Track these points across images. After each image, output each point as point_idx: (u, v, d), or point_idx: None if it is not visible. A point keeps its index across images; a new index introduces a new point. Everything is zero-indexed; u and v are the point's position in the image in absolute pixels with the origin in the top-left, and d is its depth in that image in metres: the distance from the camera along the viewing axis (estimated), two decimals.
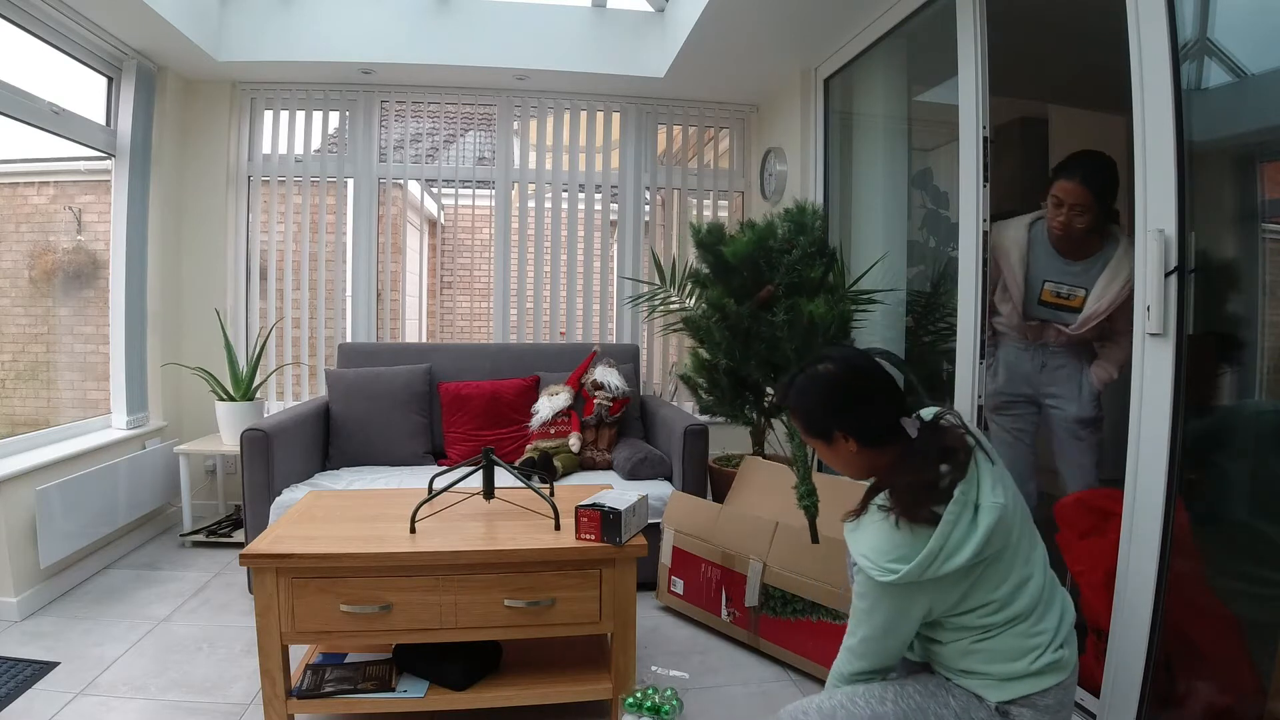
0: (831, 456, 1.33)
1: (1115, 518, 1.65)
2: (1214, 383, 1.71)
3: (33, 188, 3.84)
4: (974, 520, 1.16)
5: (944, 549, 1.14)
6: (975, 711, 1.24)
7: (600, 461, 2.98)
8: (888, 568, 1.15)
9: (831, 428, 1.29)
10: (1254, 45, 1.60)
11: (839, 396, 1.29)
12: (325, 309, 3.73)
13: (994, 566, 1.19)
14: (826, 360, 1.33)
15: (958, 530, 1.15)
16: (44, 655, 2.12)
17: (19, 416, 3.77)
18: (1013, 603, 1.20)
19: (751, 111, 4.00)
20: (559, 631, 1.74)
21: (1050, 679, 1.20)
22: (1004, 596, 1.20)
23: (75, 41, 2.80)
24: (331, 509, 1.99)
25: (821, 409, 1.31)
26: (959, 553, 1.14)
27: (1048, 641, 1.20)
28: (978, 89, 2.18)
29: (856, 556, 1.21)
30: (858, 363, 1.33)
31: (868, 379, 1.31)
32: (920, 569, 1.14)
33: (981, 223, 2.18)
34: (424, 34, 3.38)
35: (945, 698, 1.26)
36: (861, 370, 1.31)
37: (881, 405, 1.28)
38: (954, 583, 1.18)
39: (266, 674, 1.64)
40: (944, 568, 1.14)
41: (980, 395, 2.20)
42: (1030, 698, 1.20)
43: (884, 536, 1.18)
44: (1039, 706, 1.21)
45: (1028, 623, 1.21)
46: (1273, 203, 1.69)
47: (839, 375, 1.30)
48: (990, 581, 1.20)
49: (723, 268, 1.63)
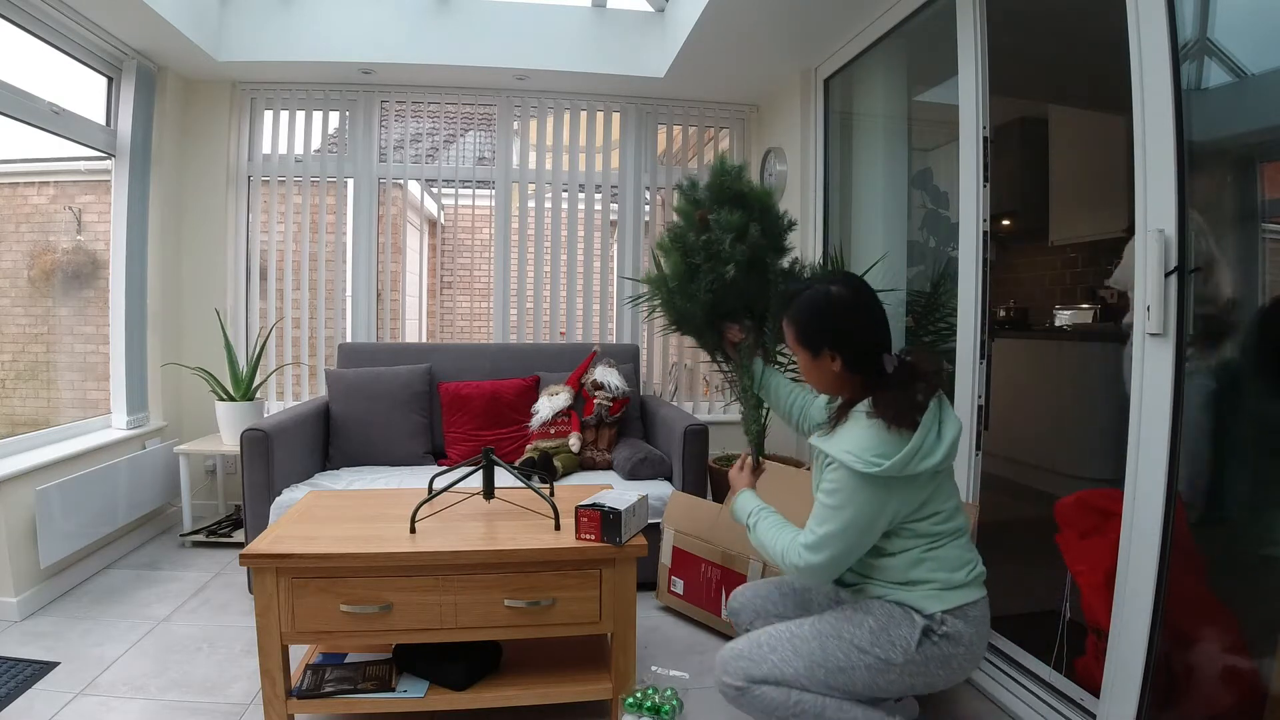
0: (811, 368, 1.45)
1: (1115, 518, 1.65)
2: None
3: (33, 188, 3.84)
4: (940, 433, 1.34)
5: (921, 449, 1.30)
6: (896, 627, 1.36)
7: (600, 461, 2.98)
8: (872, 461, 1.28)
9: (823, 344, 1.41)
10: (1254, 45, 1.59)
11: (840, 319, 1.40)
12: (325, 309, 3.73)
13: (947, 480, 1.40)
14: (838, 283, 1.42)
15: (930, 436, 1.32)
16: (44, 655, 2.12)
17: (19, 416, 3.77)
18: (956, 516, 1.40)
19: (751, 111, 4.00)
20: (559, 631, 1.74)
21: (978, 591, 1.40)
22: (951, 509, 1.39)
23: (75, 41, 2.80)
24: (331, 509, 1.99)
25: (819, 326, 1.41)
26: (932, 455, 1.31)
27: (977, 558, 1.43)
28: (978, 89, 2.18)
29: (839, 454, 1.31)
30: (865, 294, 1.43)
31: (869, 311, 1.42)
32: (903, 463, 1.28)
33: (981, 223, 2.17)
34: (424, 34, 3.38)
35: (862, 618, 1.40)
36: (866, 303, 1.42)
37: (872, 338, 1.41)
38: (922, 485, 1.34)
39: (266, 674, 1.64)
40: (920, 465, 1.29)
41: (980, 395, 2.20)
42: (964, 608, 1.37)
43: (869, 435, 1.31)
44: (969, 617, 1.37)
45: (965, 538, 1.42)
46: (1273, 203, 1.69)
47: (847, 300, 1.40)
48: (944, 492, 1.38)
49: (742, 202, 1.64)
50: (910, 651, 1.34)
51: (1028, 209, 4.47)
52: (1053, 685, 1.92)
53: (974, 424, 2.20)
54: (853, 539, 1.34)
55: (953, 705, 1.97)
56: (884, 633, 1.36)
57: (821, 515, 1.35)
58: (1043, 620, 2.13)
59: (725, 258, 1.62)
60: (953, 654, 1.36)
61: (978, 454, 2.21)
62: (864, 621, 1.38)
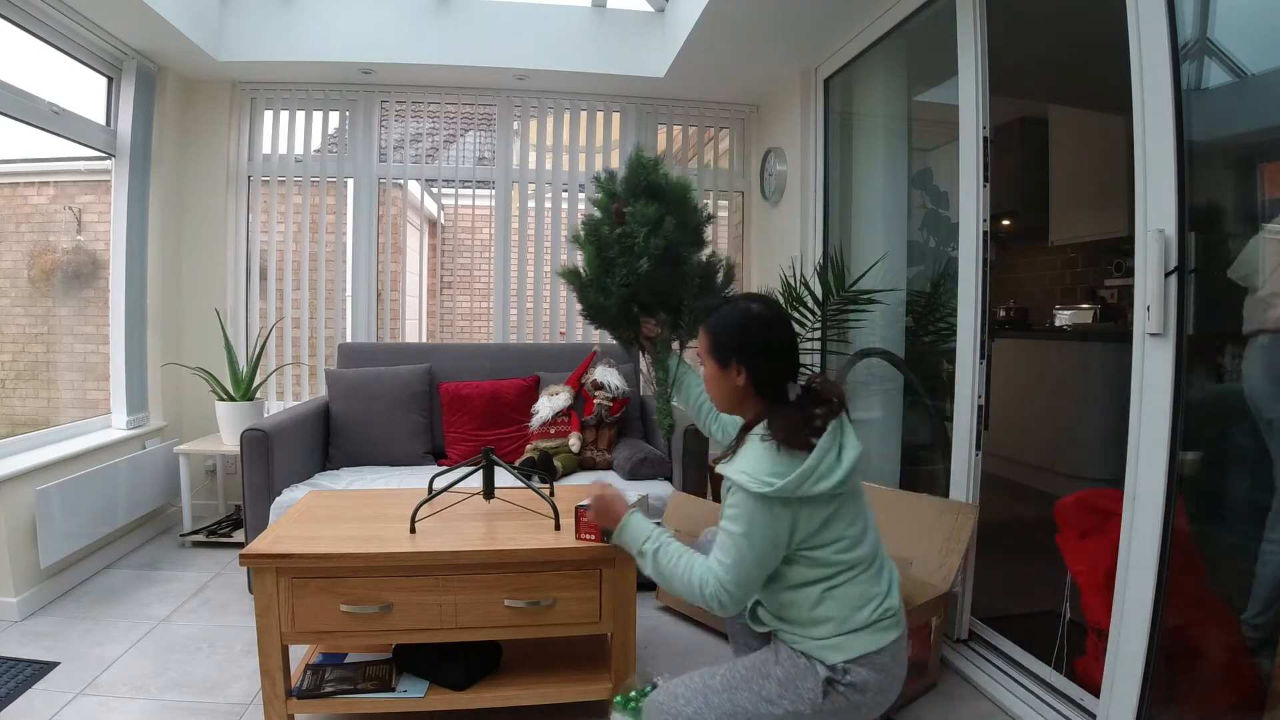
0: (717, 378, 1.45)
1: (1115, 518, 1.65)
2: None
3: (33, 188, 3.84)
4: (839, 456, 1.32)
5: (816, 470, 1.29)
6: (802, 679, 1.34)
7: (600, 461, 2.98)
8: (765, 481, 1.28)
9: (733, 357, 1.42)
10: (1254, 45, 1.60)
11: (753, 335, 1.42)
12: (325, 309, 3.73)
13: (849, 504, 1.36)
14: (759, 303, 1.46)
15: (828, 458, 1.30)
16: (44, 655, 2.12)
17: (19, 416, 3.77)
18: (860, 544, 1.35)
19: (751, 111, 4.00)
20: (559, 631, 1.74)
21: (888, 634, 1.34)
22: (855, 535, 1.35)
23: (75, 41, 2.80)
24: (331, 509, 1.99)
25: (734, 339, 1.43)
26: (828, 477, 1.29)
27: (885, 592, 1.36)
28: (978, 89, 2.17)
29: (735, 475, 1.31)
30: (782, 319, 1.47)
31: (781, 337, 1.44)
32: (796, 483, 1.27)
33: (981, 223, 2.17)
34: (424, 34, 3.38)
35: (770, 669, 1.37)
36: (780, 327, 1.45)
37: (780, 360, 1.42)
38: (820, 505, 1.31)
39: (266, 674, 1.64)
40: (815, 488, 1.28)
41: (980, 395, 2.20)
42: (869, 656, 1.32)
43: (764, 457, 1.31)
44: (875, 664, 1.32)
45: (870, 570, 1.36)
46: (1273, 203, 1.69)
47: (765, 319, 1.43)
48: (846, 517, 1.35)
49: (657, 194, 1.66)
50: (818, 703, 1.33)
51: (1028, 209, 4.47)
52: (1053, 685, 1.92)
53: (974, 424, 2.19)
54: (758, 563, 1.33)
55: (953, 705, 1.97)
56: (791, 685, 1.35)
57: (726, 543, 1.34)
58: (1043, 620, 2.14)
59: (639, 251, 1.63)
60: (861, 702, 1.34)
61: (978, 454, 2.21)
62: (772, 673, 1.38)
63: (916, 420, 2.97)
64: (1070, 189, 4.26)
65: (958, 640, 2.25)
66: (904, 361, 2.97)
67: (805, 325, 2.92)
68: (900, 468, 2.97)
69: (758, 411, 1.42)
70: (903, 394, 3.00)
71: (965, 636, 2.25)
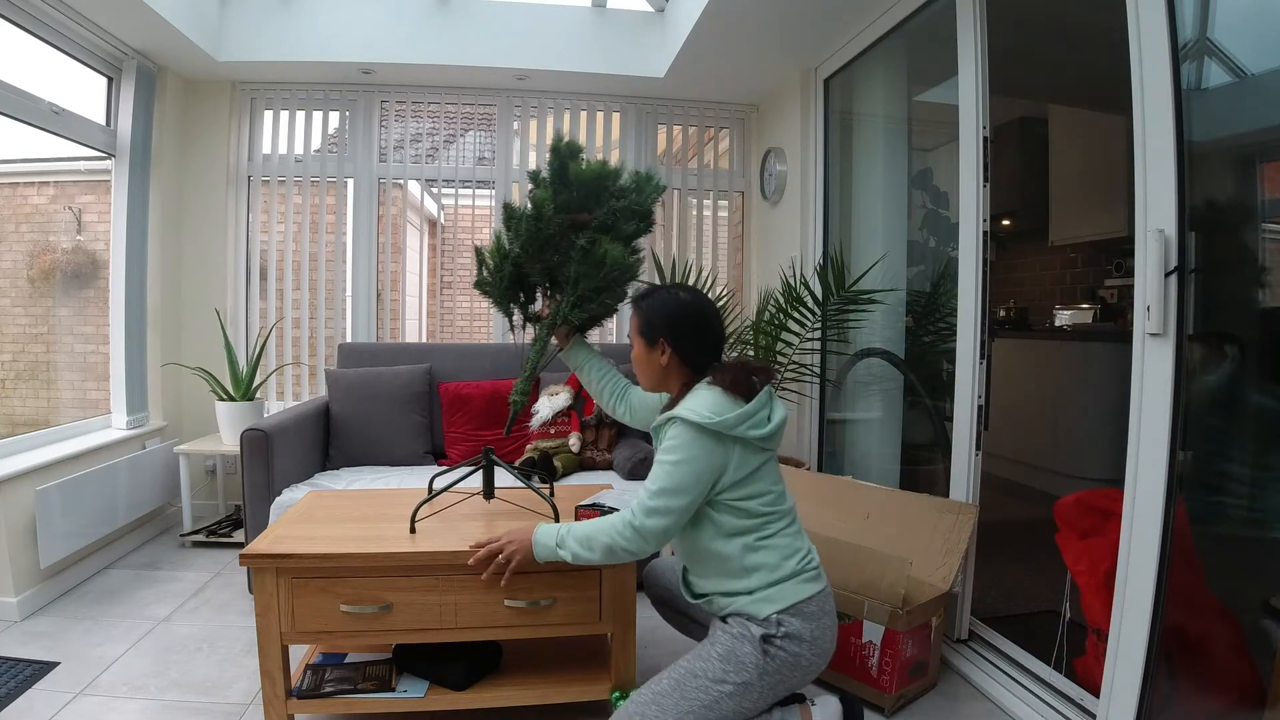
0: (644, 357, 1.61)
1: (1115, 518, 1.65)
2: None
3: (33, 188, 3.84)
4: (770, 414, 1.49)
5: (754, 416, 1.45)
6: (740, 647, 1.41)
7: (600, 461, 2.99)
8: (708, 415, 1.42)
9: (659, 335, 1.57)
10: (1254, 45, 1.59)
11: (680, 318, 1.58)
12: (325, 309, 3.73)
13: (771, 465, 1.51)
14: (687, 292, 1.63)
15: (763, 411, 1.48)
16: (44, 655, 2.12)
17: (19, 416, 3.77)
18: (785, 500, 1.52)
19: (751, 111, 4.00)
20: (559, 632, 1.74)
21: (814, 585, 1.47)
22: (780, 492, 1.51)
23: (75, 41, 2.80)
24: (331, 509, 1.99)
25: (664, 320, 1.58)
26: (762, 426, 1.45)
27: (808, 547, 1.52)
28: (978, 89, 2.17)
29: (681, 411, 1.44)
30: (709, 307, 1.62)
31: (708, 321, 1.60)
32: (737, 421, 1.42)
33: (981, 223, 2.17)
34: (424, 34, 3.38)
35: (708, 649, 1.46)
36: (707, 313, 1.60)
37: (705, 341, 1.58)
38: (751, 453, 1.46)
39: (266, 674, 1.64)
40: (750, 431, 1.43)
41: (980, 395, 2.20)
42: (797, 605, 1.43)
43: (709, 397, 1.46)
44: (805, 613, 1.43)
45: (795, 525, 1.52)
46: (1273, 202, 1.69)
47: (691, 306, 1.59)
48: (771, 474, 1.51)
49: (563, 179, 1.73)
50: (761, 664, 1.40)
51: (1028, 209, 4.48)
52: (1053, 685, 1.92)
53: (974, 424, 2.19)
54: (684, 490, 1.42)
55: (953, 705, 1.97)
56: (731, 657, 1.40)
57: (659, 474, 1.44)
58: (1043, 620, 2.14)
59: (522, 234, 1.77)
60: (799, 654, 1.41)
61: (978, 454, 2.21)
62: (710, 654, 1.43)
63: (916, 420, 2.97)
64: (1070, 189, 4.26)
65: (958, 640, 2.25)
66: (904, 361, 2.97)
67: (805, 325, 2.92)
68: (900, 468, 2.97)
69: (681, 387, 1.57)
70: (903, 394, 3.00)
71: (965, 636, 2.25)
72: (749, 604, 1.44)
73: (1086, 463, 3.46)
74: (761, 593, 1.43)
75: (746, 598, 1.44)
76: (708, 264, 3.98)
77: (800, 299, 2.91)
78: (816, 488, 2.51)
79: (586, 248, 1.73)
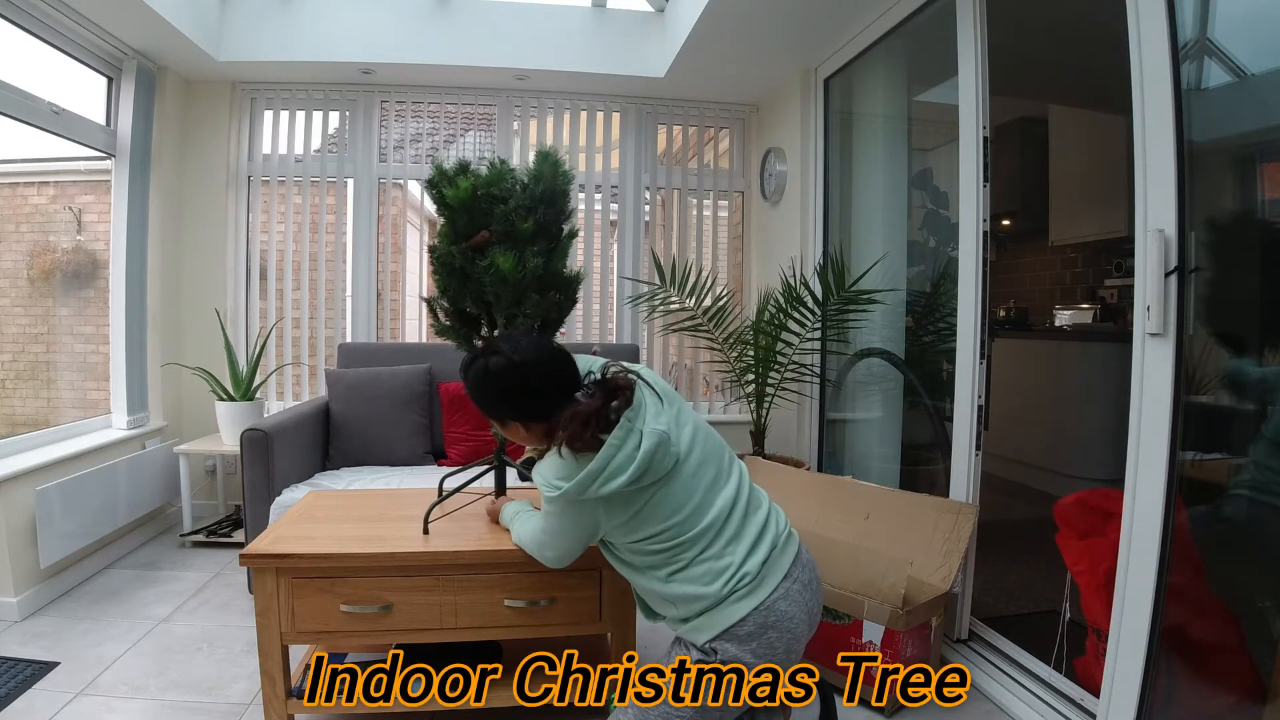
0: (508, 433, 1.45)
1: (1115, 518, 1.65)
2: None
3: (33, 188, 3.84)
4: (638, 447, 1.26)
5: (605, 471, 1.25)
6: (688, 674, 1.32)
7: None
8: (554, 484, 1.30)
9: (503, 415, 1.41)
10: (1254, 45, 1.59)
11: (506, 390, 1.37)
12: (325, 309, 3.73)
13: (665, 491, 1.29)
14: (496, 353, 1.38)
15: (621, 454, 1.25)
16: (44, 655, 2.12)
17: (19, 416, 3.77)
18: (696, 522, 1.30)
19: (751, 111, 4.00)
20: (559, 631, 1.74)
21: (744, 605, 1.28)
22: (684, 517, 1.30)
23: (75, 41, 2.80)
24: (331, 509, 1.99)
25: (491, 399, 1.41)
26: (619, 475, 1.25)
27: (740, 558, 1.30)
28: (978, 89, 2.17)
29: (535, 478, 1.36)
30: (527, 356, 1.37)
31: (533, 372, 1.36)
32: (581, 486, 1.26)
33: (981, 223, 2.17)
34: (424, 34, 3.38)
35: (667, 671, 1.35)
36: (529, 364, 1.36)
37: (549, 394, 1.36)
38: (621, 502, 1.29)
39: (266, 674, 1.64)
40: (604, 488, 1.25)
41: (980, 395, 2.20)
42: (730, 630, 1.28)
43: (552, 461, 1.33)
44: (739, 636, 1.28)
45: (717, 544, 1.30)
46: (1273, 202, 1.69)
47: (506, 370, 1.36)
48: (665, 505, 1.29)
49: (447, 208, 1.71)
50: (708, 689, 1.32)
51: (1028, 209, 4.48)
52: (1053, 685, 1.92)
53: (974, 424, 2.20)
54: (566, 545, 1.45)
55: (953, 705, 1.97)
56: (683, 682, 1.33)
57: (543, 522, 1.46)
58: (1043, 620, 2.14)
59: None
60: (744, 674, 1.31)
61: (978, 454, 2.21)
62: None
63: (916, 420, 2.97)
64: (1070, 189, 4.26)
65: (958, 640, 2.25)
66: (904, 361, 2.97)
67: (805, 325, 2.92)
68: (900, 468, 2.97)
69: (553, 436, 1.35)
70: (903, 394, 3.00)
71: (965, 636, 2.25)
72: (687, 631, 1.35)
73: (1086, 463, 3.46)
74: (693, 621, 1.33)
75: (683, 625, 1.36)
76: (708, 264, 3.98)
77: (800, 299, 2.91)
78: (816, 488, 2.51)
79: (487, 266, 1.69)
